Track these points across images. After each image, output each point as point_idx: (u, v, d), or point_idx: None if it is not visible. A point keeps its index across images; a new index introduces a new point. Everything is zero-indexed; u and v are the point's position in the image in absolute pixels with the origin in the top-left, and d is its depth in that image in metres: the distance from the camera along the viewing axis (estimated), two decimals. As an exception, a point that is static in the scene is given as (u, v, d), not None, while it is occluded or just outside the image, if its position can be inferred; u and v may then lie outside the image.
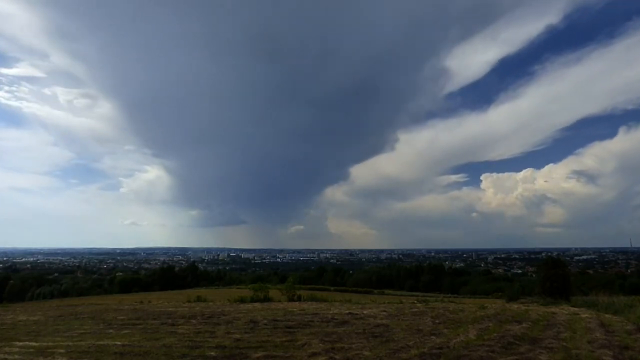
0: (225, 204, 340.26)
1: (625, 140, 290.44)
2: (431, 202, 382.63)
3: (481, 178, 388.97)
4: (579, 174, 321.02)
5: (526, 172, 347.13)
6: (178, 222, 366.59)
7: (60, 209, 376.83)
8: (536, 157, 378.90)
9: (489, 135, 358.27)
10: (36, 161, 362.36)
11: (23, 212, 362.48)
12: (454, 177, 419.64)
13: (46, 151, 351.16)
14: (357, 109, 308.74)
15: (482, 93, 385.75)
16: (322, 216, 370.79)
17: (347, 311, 13.37)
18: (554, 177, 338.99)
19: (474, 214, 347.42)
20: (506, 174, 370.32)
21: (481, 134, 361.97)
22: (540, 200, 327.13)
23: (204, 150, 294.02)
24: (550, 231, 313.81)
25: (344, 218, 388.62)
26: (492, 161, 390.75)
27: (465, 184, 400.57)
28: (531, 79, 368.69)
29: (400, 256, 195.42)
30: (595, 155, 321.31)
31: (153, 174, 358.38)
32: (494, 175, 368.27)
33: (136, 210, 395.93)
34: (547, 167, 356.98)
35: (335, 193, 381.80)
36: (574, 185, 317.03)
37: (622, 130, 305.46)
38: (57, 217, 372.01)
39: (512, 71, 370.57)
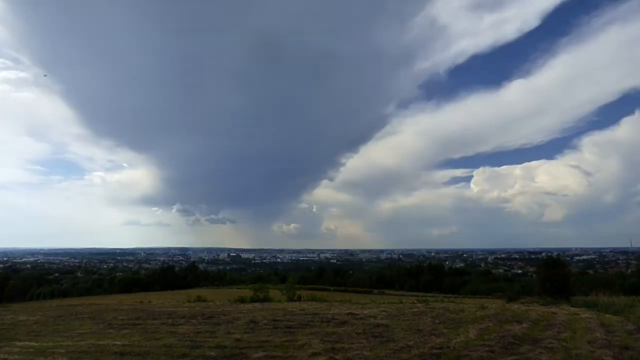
0: (215, 200, 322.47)
1: (632, 129, 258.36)
2: (426, 200, 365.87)
3: (481, 174, 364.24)
4: (580, 168, 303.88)
5: (534, 166, 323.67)
6: (155, 220, 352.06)
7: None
8: (553, 147, 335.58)
9: (500, 120, 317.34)
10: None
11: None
12: (448, 173, 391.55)
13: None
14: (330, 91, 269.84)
15: (495, 65, 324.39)
16: (314, 213, 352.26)
17: (347, 311, 13.36)
18: (562, 172, 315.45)
19: (473, 212, 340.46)
20: (507, 169, 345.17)
21: (490, 119, 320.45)
22: (542, 198, 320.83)
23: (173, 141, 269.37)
24: (551, 231, 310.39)
25: (337, 216, 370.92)
26: (498, 152, 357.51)
27: (465, 179, 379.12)
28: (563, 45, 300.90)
29: (400, 256, 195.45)
30: (597, 146, 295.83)
31: (127, 171, 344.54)
32: (495, 170, 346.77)
33: (106, 208, 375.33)
34: (559, 160, 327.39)
35: (325, 189, 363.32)
36: (580, 181, 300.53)
37: (632, 116, 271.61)
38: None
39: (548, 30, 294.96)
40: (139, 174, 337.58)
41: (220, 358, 6.92)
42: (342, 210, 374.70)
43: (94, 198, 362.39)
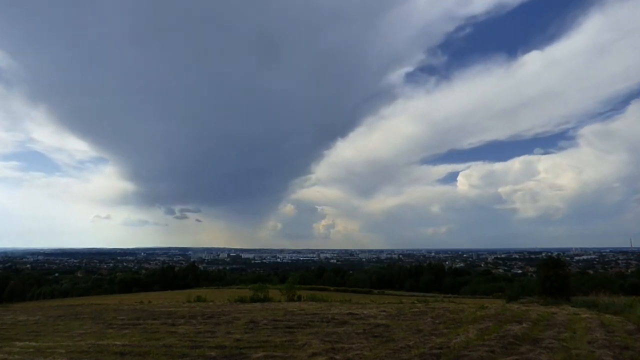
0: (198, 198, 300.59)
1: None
2: (421, 197, 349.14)
3: (480, 170, 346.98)
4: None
5: (538, 160, 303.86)
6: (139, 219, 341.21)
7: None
8: (564, 138, 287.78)
9: (509, 104, 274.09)
10: None
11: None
12: (447, 167, 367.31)
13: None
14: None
15: (513, 28, 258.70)
16: (305, 212, 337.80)
17: (347, 311, 13.36)
18: (572, 166, 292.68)
19: (471, 211, 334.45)
20: (509, 164, 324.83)
21: (498, 102, 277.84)
22: (544, 196, 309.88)
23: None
24: (551, 230, 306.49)
25: (329, 215, 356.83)
26: (502, 143, 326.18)
27: (464, 175, 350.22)
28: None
29: (400, 256, 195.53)
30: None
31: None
32: (496, 165, 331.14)
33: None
34: (569, 152, 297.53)
35: (313, 186, 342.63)
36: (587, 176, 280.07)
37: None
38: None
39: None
40: (108, 169, 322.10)
41: (220, 358, 6.92)
42: (335, 208, 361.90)
43: (70, 196, 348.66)
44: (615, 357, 6.48)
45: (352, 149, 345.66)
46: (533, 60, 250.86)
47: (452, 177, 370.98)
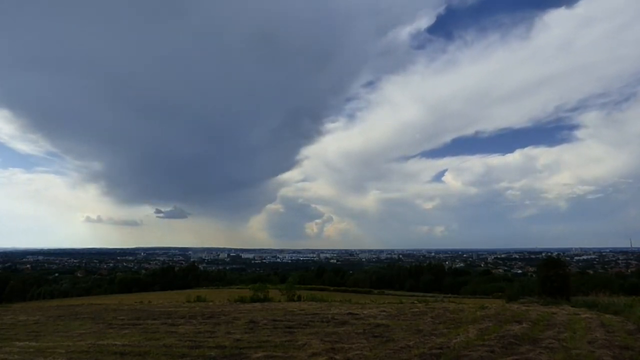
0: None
1: None
2: (418, 195, 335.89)
3: (481, 165, 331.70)
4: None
5: (543, 154, 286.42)
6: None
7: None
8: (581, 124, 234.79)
9: (520, 82, 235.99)
10: None
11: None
12: (445, 162, 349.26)
13: None
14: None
15: None
16: (297, 210, 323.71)
17: (347, 311, 13.36)
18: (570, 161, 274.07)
19: (470, 210, 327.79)
20: (512, 158, 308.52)
21: (509, 79, 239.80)
22: (546, 194, 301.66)
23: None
24: (550, 230, 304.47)
25: (322, 213, 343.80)
26: (507, 133, 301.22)
27: (463, 171, 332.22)
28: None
29: (400, 256, 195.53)
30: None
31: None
32: (496, 158, 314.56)
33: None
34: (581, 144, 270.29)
35: (301, 181, 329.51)
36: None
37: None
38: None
39: None
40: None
41: (220, 358, 6.92)
42: (331, 207, 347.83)
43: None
44: (615, 357, 6.48)
45: (345, 140, 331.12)
46: (556, 22, 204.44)
47: (451, 174, 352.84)
